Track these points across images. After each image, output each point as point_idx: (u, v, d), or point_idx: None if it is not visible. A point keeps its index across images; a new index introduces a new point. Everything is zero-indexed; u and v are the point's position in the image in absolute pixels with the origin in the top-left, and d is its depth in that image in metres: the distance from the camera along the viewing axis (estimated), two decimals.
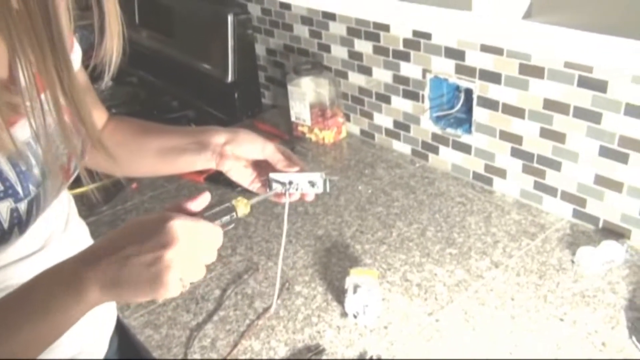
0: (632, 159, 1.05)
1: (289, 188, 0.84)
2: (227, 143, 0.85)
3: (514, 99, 1.18)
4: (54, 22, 0.56)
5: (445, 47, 1.26)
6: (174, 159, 0.89)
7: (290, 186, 0.84)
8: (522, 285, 1.03)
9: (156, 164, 0.93)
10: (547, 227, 1.17)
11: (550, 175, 1.19)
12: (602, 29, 0.72)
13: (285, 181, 0.84)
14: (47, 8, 0.55)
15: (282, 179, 0.84)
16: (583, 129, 1.10)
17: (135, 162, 0.93)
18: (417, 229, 1.19)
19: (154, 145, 0.90)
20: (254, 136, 0.87)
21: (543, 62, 1.10)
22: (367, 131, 1.56)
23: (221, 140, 0.85)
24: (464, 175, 1.35)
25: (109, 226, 1.26)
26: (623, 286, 1.01)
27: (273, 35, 1.71)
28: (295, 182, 0.84)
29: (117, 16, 0.72)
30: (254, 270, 1.10)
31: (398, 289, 1.04)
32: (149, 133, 0.92)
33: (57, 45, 0.57)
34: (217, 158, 0.85)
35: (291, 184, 0.84)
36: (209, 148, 0.85)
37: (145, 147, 0.91)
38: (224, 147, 0.85)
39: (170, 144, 0.89)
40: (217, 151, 0.85)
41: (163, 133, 0.91)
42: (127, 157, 0.92)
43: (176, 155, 0.88)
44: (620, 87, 1.01)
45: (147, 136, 0.91)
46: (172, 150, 0.89)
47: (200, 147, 0.86)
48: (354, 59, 1.49)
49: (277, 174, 0.84)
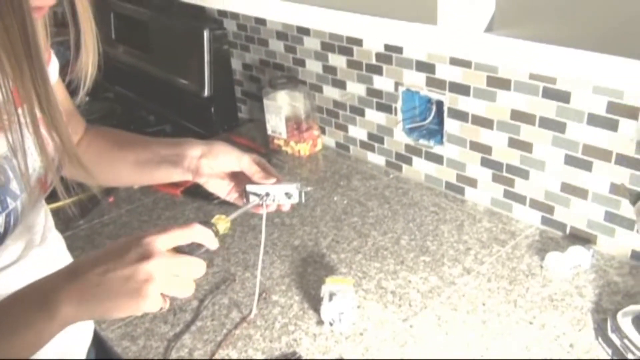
0: (595, 167, 1.09)
1: (265, 200, 0.85)
2: (203, 156, 0.86)
3: (482, 110, 1.22)
4: (31, 38, 0.57)
5: (416, 61, 1.30)
6: (150, 171, 0.90)
7: (267, 198, 0.85)
8: (493, 290, 1.05)
9: (133, 176, 0.94)
10: (517, 234, 1.20)
11: (519, 183, 1.23)
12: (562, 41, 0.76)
13: (262, 193, 0.85)
14: (24, 23, 0.56)
15: (258, 190, 0.85)
16: (549, 139, 1.14)
17: (113, 173, 0.94)
18: (391, 238, 1.21)
19: (131, 157, 0.91)
20: (230, 148, 0.88)
21: (509, 74, 1.14)
22: (342, 143, 1.59)
23: (197, 153, 0.86)
24: (436, 185, 1.39)
25: (86, 240, 1.27)
26: (590, 290, 1.04)
27: (249, 50, 1.74)
28: (271, 194, 0.85)
29: (93, 32, 0.74)
30: (231, 280, 1.12)
31: (373, 296, 1.06)
32: (126, 145, 0.93)
33: (34, 61, 0.58)
34: (194, 171, 0.86)
35: (268, 196, 0.85)
36: (185, 161, 0.86)
37: (122, 159, 0.92)
38: (200, 159, 0.86)
39: (147, 156, 0.90)
40: (193, 164, 0.86)
41: (139, 145, 0.92)
42: (104, 168, 0.93)
43: (153, 167, 0.89)
44: (583, 98, 1.05)
45: (124, 148, 0.92)
46: (149, 163, 0.90)
47: (176, 159, 0.87)
48: (328, 73, 1.52)
49: (254, 185, 0.86)
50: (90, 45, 0.74)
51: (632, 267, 1.08)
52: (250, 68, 1.77)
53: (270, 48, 1.65)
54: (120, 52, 1.98)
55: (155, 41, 1.83)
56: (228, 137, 1.68)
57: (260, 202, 0.85)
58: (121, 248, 0.62)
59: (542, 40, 0.76)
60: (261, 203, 0.85)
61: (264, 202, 0.85)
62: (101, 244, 1.25)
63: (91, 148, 0.94)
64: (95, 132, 0.96)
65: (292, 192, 0.85)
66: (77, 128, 0.94)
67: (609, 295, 1.02)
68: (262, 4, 1.08)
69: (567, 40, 0.76)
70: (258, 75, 1.75)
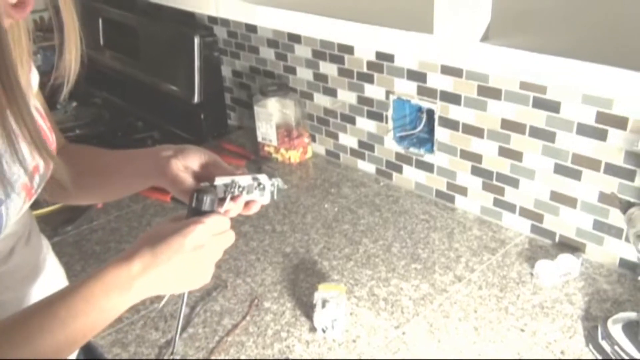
0: (584, 176, 1.10)
1: (232, 190, 0.76)
2: (173, 156, 0.81)
3: (473, 119, 1.23)
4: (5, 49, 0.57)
5: (408, 70, 1.31)
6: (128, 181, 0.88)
7: (234, 188, 0.76)
8: (484, 298, 1.06)
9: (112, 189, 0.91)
10: (507, 242, 1.21)
11: (508, 192, 1.24)
12: (557, 51, 0.77)
13: (229, 182, 0.77)
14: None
15: (226, 181, 0.77)
16: (539, 148, 1.15)
17: (92, 190, 0.92)
18: (382, 246, 1.22)
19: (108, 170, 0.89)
20: (202, 150, 0.84)
21: (500, 84, 1.16)
22: (332, 151, 1.59)
23: (168, 153, 0.82)
24: (427, 193, 1.39)
25: (74, 246, 1.25)
26: (579, 297, 1.05)
27: (239, 57, 1.74)
28: (237, 182, 0.76)
29: (75, 28, 0.73)
30: (223, 287, 1.11)
31: (365, 303, 1.06)
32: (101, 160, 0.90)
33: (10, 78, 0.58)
34: (162, 172, 0.80)
35: (235, 186, 0.76)
36: (158, 162, 0.81)
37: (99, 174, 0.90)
38: (170, 159, 0.80)
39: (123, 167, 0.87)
40: (161, 164, 0.81)
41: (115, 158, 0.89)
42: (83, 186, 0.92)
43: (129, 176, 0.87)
44: (572, 108, 1.07)
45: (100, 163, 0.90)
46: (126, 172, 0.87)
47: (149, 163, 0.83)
48: (319, 81, 1.52)
49: (222, 177, 0.77)
50: (72, 42, 0.74)
51: (620, 275, 1.10)
52: (240, 75, 1.77)
53: (261, 55, 1.66)
54: (109, 57, 1.97)
55: (144, 47, 1.82)
56: (217, 144, 1.68)
57: (228, 192, 0.76)
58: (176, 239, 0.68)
59: (537, 50, 0.77)
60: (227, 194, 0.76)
61: (229, 194, 0.76)
62: (90, 251, 1.24)
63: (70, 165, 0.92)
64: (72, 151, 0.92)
65: (264, 182, 0.77)
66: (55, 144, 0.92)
67: (598, 302, 1.04)
68: (258, 12, 1.08)
69: (562, 50, 0.77)
70: (248, 83, 1.76)
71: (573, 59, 0.76)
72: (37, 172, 0.76)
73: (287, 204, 1.38)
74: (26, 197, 0.75)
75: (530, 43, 0.77)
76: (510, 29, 0.79)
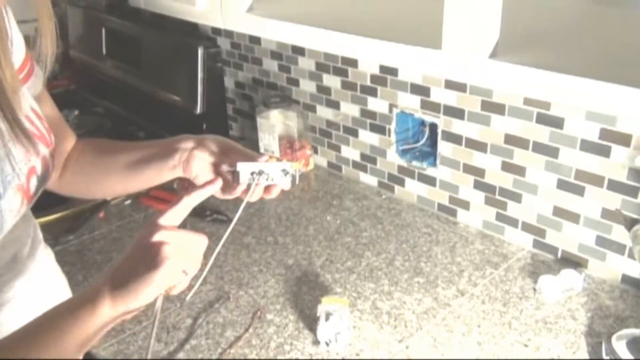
0: (587, 192, 1.11)
1: (258, 178, 0.77)
2: (195, 148, 0.80)
3: (476, 134, 1.24)
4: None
5: (411, 84, 1.32)
6: (142, 170, 0.85)
7: (260, 176, 0.77)
8: (487, 312, 1.06)
9: (125, 179, 0.87)
10: (509, 256, 1.22)
11: (511, 207, 1.24)
12: (562, 68, 0.77)
13: (255, 170, 0.76)
14: None
15: (252, 168, 0.77)
16: (542, 163, 1.16)
17: (105, 180, 0.90)
18: (385, 259, 1.22)
19: (122, 159, 0.87)
20: (222, 139, 0.83)
21: (504, 99, 1.16)
22: (334, 163, 1.59)
23: (189, 145, 0.81)
24: (429, 207, 1.40)
25: (76, 255, 1.25)
26: (582, 313, 1.05)
27: (242, 68, 1.74)
28: (265, 172, 0.77)
29: (50, 14, 0.75)
30: (225, 299, 1.11)
31: (368, 316, 1.06)
32: (116, 149, 0.89)
33: None
34: (185, 164, 0.80)
35: (261, 174, 0.77)
36: (176, 154, 0.81)
37: (114, 163, 0.88)
38: (192, 151, 0.80)
39: (138, 156, 0.85)
40: (184, 157, 0.80)
41: (130, 147, 0.88)
42: (96, 175, 0.91)
43: (144, 165, 0.84)
44: (576, 124, 1.08)
45: (115, 152, 0.89)
46: (140, 162, 0.85)
47: (167, 154, 0.81)
48: (322, 93, 1.53)
49: (246, 163, 0.77)
50: (47, 27, 0.75)
51: (623, 291, 1.10)
52: (242, 86, 1.78)
53: (264, 67, 1.66)
54: (111, 67, 1.98)
55: (147, 57, 1.83)
56: None
57: (253, 179, 0.76)
58: (140, 236, 0.66)
59: (544, 67, 0.77)
60: (254, 181, 0.76)
61: (255, 180, 0.76)
62: (91, 260, 1.23)
63: (83, 156, 0.92)
64: (86, 142, 0.93)
65: (289, 169, 0.77)
66: (66, 139, 0.91)
67: (601, 318, 1.04)
68: (265, 24, 1.09)
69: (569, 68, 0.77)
70: (250, 94, 1.76)
71: (579, 77, 0.77)
72: (34, 173, 0.75)
73: (289, 215, 1.38)
74: (23, 198, 0.74)
75: (538, 60, 0.77)
76: (518, 46, 0.80)
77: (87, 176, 0.91)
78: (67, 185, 0.92)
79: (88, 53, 2.06)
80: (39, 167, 0.76)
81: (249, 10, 1.12)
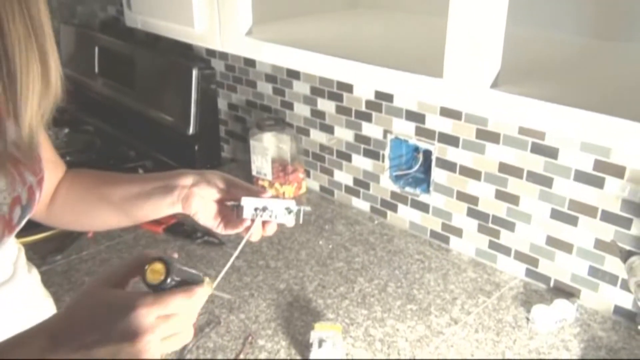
0: (581, 222, 1.11)
1: (261, 214, 0.77)
2: (195, 185, 0.80)
3: (470, 162, 1.24)
4: None
5: (406, 110, 1.32)
6: (139, 206, 0.83)
7: (264, 213, 0.77)
8: (480, 341, 1.05)
9: (120, 213, 0.86)
10: (502, 285, 1.21)
11: (504, 235, 1.24)
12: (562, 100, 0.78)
13: (259, 206, 0.77)
14: None
15: (256, 204, 0.77)
16: (535, 192, 1.16)
17: (97, 213, 0.88)
18: (377, 285, 1.21)
19: (118, 193, 0.85)
20: (221, 174, 0.82)
21: (499, 128, 1.17)
22: (326, 187, 1.59)
23: (189, 182, 0.80)
24: (421, 233, 1.39)
25: (63, 276, 1.22)
26: (575, 344, 1.05)
27: (236, 90, 1.74)
28: (269, 209, 0.77)
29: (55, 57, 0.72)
30: (216, 323, 1.09)
31: (361, 343, 1.04)
32: (111, 182, 0.87)
33: None
34: (184, 201, 0.80)
35: (265, 210, 0.77)
36: (175, 190, 0.80)
37: (107, 197, 0.86)
38: (191, 188, 0.80)
39: (135, 191, 0.83)
40: (183, 193, 0.80)
41: (127, 180, 0.86)
42: (87, 208, 0.88)
43: (141, 201, 0.83)
44: (570, 155, 1.09)
45: (110, 185, 0.87)
46: (137, 197, 0.83)
47: (165, 190, 0.81)
48: (316, 117, 1.53)
49: (250, 198, 0.77)
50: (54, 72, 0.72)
51: (615, 322, 1.10)
52: (236, 108, 1.77)
53: (258, 90, 1.66)
54: (102, 85, 1.97)
55: (140, 77, 1.82)
56: None
57: (257, 215, 0.76)
58: (107, 315, 0.58)
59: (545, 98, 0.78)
60: (256, 216, 0.76)
61: (259, 216, 0.76)
62: (79, 281, 1.21)
63: (73, 188, 0.89)
64: (76, 174, 0.91)
65: (292, 207, 0.76)
66: (57, 172, 0.90)
67: (594, 349, 1.03)
68: (263, 48, 1.09)
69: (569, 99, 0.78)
70: (243, 116, 1.76)
71: (577, 108, 0.77)
72: (18, 203, 0.73)
73: (281, 239, 1.37)
74: (4, 229, 0.72)
75: (538, 91, 0.78)
76: (519, 77, 0.80)
77: (77, 208, 0.89)
78: (55, 218, 0.89)
79: (80, 71, 2.05)
80: (24, 196, 0.74)
81: (248, 33, 1.12)
